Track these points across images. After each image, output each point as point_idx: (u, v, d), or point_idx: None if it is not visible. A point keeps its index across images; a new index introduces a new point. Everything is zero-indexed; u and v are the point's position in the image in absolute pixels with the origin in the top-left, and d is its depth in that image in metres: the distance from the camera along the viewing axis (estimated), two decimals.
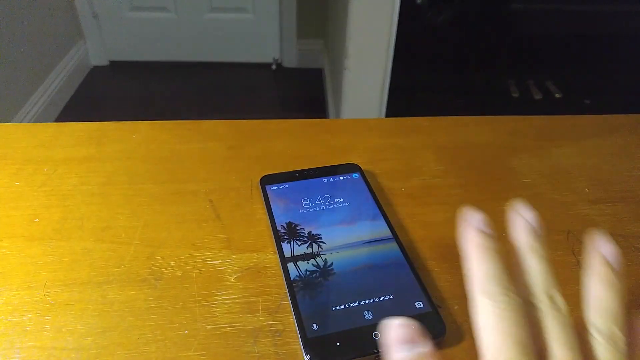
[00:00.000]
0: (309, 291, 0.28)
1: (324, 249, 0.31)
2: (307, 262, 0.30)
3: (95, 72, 2.14)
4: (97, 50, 2.14)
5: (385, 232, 0.32)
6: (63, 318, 0.29)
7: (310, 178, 0.37)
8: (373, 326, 0.26)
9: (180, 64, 2.20)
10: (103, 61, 2.18)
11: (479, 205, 0.39)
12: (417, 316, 0.26)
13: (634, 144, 0.45)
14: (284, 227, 0.33)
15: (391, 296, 0.28)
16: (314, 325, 0.26)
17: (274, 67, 2.21)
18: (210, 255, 0.33)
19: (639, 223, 0.36)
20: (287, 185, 0.36)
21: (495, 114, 0.48)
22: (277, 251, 0.31)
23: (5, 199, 0.37)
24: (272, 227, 0.33)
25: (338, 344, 0.25)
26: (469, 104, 1.47)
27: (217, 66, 2.19)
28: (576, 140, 0.45)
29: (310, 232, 0.32)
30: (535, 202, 0.38)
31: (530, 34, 1.38)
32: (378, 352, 0.25)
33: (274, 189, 0.36)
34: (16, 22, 1.59)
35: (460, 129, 0.46)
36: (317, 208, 0.34)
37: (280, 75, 2.21)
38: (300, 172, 0.37)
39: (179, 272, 0.32)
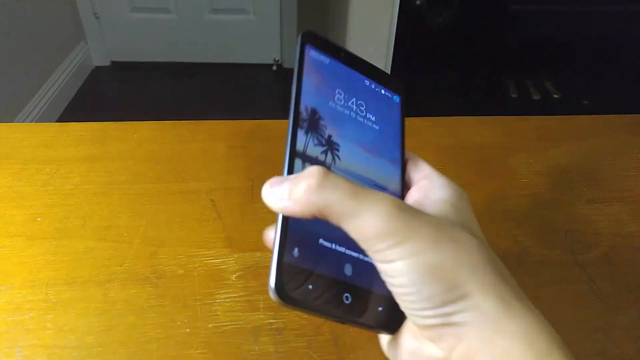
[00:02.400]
0: None
1: (336, 165, 0.24)
2: None
3: (97, 73, 2.15)
4: (98, 51, 2.14)
5: (397, 184, 0.26)
6: (65, 316, 0.29)
7: (354, 69, 0.28)
8: (348, 286, 0.21)
9: (181, 65, 2.20)
10: (105, 62, 2.18)
11: (478, 205, 0.39)
12: (387, 298, 0.21)
13: (632, 144, 0.45)
14: (307, 111, 0.25)
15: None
16: (296, 249, 0.21)
17: (274, 67, 2.22)
18: (212, 254, 0.33)
19: (637, 222, 0.37)
20: (327, 60, 0.27)
21: (494, 114, 0.48)
22: (289, 137, 0.24)
23: (7, 198, 0.37)
24: (293, 103, 0.25)
25: (310, 287, 0.20)
26: (468, 105, 1.47)
27: (218, 67, 2.20)
28: (574, 140, 0.45)
29: (331, 136, 0.25)
30: (533, 201, 0.38)
31: (529, 35, 1.38)
32: (342, 318, 0.21)
33: (313, 55, 0.27)
34: (18, 23, 1.59)
35: (460, 129, 0.46)
36: (347, 112, 0.26)
37: (280, 75, 2.21)
38: (348, 54, 0.28)
39: (180, 271, 0.32)
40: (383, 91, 0.29)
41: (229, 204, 0.37)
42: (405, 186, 0.26)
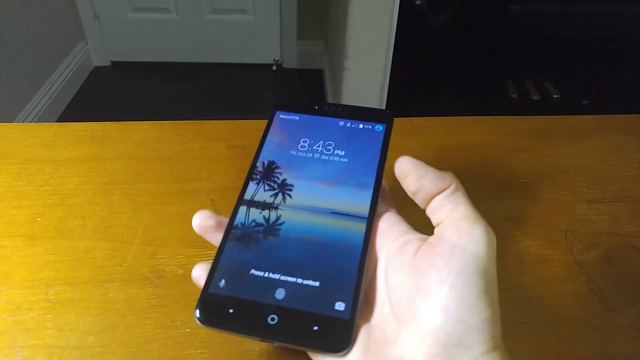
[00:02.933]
0: (241, 244, 0.25)
1: (286, 203, 0.27)
2: (260, 213, 0.26)
3: (97, 73, 2.15)
4: (98, 51, 2.14)
5: (363, 208, 0.26)
6: (65, 316, 0.29)
7: (329, 115, 0.31)
8: (275, 308, 0.23)
9: (181, 65, 2.20)
10: (105, 62, 2.18)
11: (478, 205, 0.39)
12: (327, 318, 0.22)
13: (631, 144, 0.45)
14: (263, 164, 0.29)
15: (317, 283, 0.23)
16: (223, 281, 0.24)
17: (274, 67, 2.22)
18: (212, 254, 0.33)
19: (637, 222, 0.37)
20: (297, 117, 0.31)
21: (493, 115, 0.48)
22: (241, 190, 0.28)
23: (7, 198, 0.37)
24: (252, 160, 0.29)
25: (231, 310, 0.23)
26: (468, 105, 1.47)
27: (218, 67, 2.20)
28: (574, 140, 0.45)
29: (285, 180, 0.28)
30: (533, 201, 0.39)
31: (529, 35, 1.38)
32: (266, 339, 0.22)
33: (282, 117, 0.31)
34: (18, 23, 1.59)
35: (459, 129, 0.46)
36: (311, 155, 0.29)
37: (280, 75, 2.21)
38: (322, 105, 0.31)
39: (180, 271, 0.32)
40: (362, 125, 0.30)
41: (229, 204, 0.37)
42: (379, 206, 0.27)
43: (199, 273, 0.24)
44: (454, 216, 0.22)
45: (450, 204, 0.23)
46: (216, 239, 0.26)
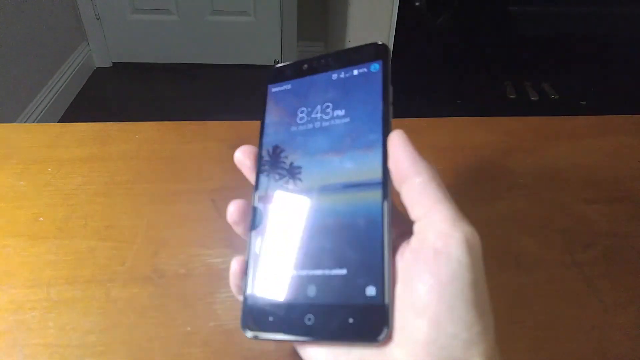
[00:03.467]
0: (265, 248, 0.24)
1: (298, 189, 0.24)
2: (276, 208, 0.25)
3: (99, 74, 2.15)
4: (100, 52, 2.15)
5: (375, 171, 0.23)
6: (67, 316, 0.29)
7: (320, 71, 0.27)
8: (309, 307, 0.21)
9: (182, 66, 2.20)
10: (106, 62, 2.18)
11: (476, 205, 0.39)
12: (360, 307, 0.21)
13: (629, 145, 0.45)
14: (269, 152, 0.26)
15: (345, 271, 0.22)
16: (257, 291, 0.23)
17: None
18: (213, 254, 0.33)
19: (635, 222, 0.37)
20: (289, 86, 0.27)
21: (492, 115, 0.48)
22: (254, 184, 0.26)
23: (9, 198, 0.38)
24: (258, 151, 0.26)
25: (271, 319, 0.22)
26: (467, 105, 1.47)
27: (218, 68, 2.20)
28: (572, 140, 0.46)
29: (292, 163, 0.25)
30: (532, 201, 0.39)
31: (528, 36, 1.38)
32: (308, 341, 0.21)
33: (275, 91, 0.28)
34: (20, 24, 1.60)
35: (458, 129, 0.47)
36: (311, 125, 0.26)
37: None
38: (311, 62, 0.27)
39: (181, 271, 0.32)
40: (356, 71, 0.26)
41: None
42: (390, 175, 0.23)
43: (235, 268, 0.24)
44: (433, 217, 0.20)
45: (428, 200, 0.21)
46: (249, 175, 0.26)
